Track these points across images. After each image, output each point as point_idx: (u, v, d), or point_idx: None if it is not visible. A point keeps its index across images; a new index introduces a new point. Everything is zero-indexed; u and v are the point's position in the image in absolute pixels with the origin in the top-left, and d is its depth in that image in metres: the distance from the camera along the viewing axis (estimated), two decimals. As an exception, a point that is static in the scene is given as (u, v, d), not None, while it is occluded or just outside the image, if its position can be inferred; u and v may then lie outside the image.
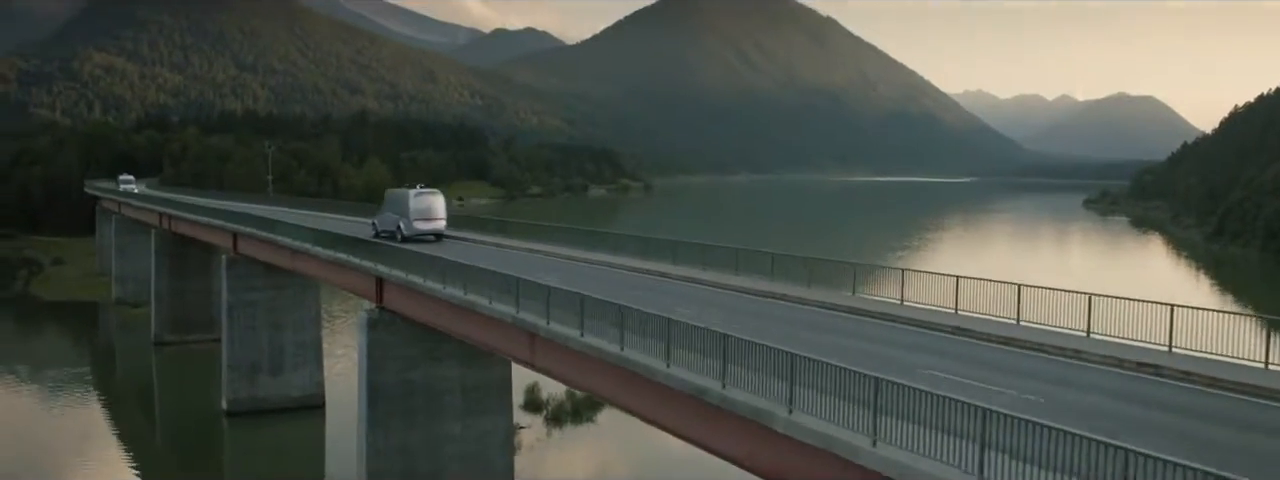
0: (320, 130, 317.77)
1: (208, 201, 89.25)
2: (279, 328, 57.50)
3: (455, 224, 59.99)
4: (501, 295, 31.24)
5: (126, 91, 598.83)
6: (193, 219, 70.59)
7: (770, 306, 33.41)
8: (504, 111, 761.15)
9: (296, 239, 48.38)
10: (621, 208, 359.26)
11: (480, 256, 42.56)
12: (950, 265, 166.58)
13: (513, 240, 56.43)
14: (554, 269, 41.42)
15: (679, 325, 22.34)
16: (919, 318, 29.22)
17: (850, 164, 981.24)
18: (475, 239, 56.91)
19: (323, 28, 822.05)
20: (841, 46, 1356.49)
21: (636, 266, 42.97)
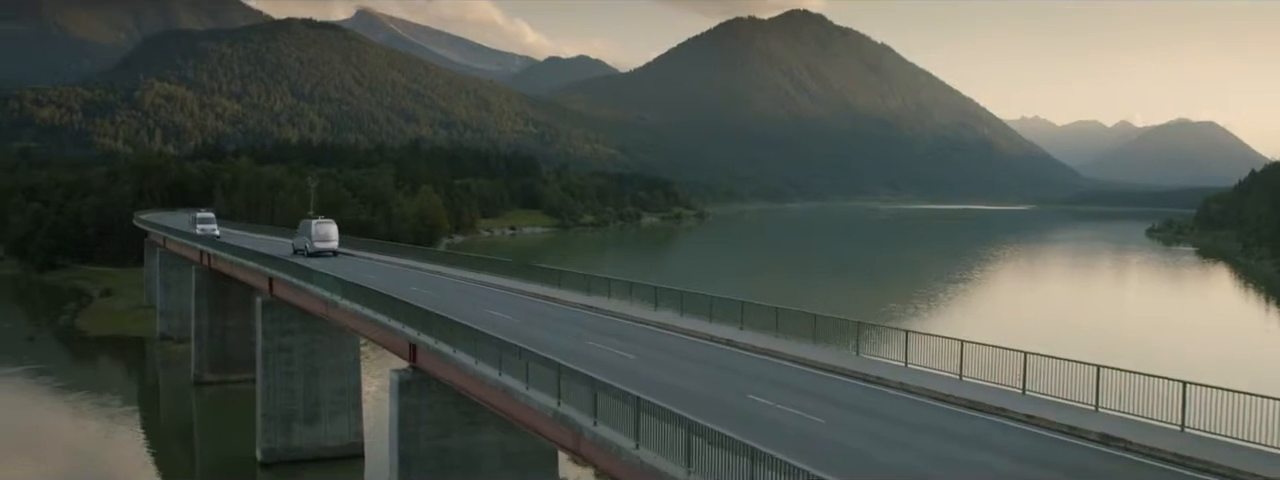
0: (374, 159, 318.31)
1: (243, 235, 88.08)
2: (315, 373, 54.65)
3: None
4: (541, 379, 27.34)
5: (186, 120, 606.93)
6: (229, 258, 68.34)
7: (795, 376, 31.25)
8: (557, 139, 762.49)
9: (328, 290, 45.56)
10: (675, 237, 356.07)
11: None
12: (1009, 298, 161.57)
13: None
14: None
15: (765, 457, 17.65)
16: (924, 385, 28.23)
17: (904, 191, 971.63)
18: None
19: (379, 57, 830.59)
20: (896, 73, 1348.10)
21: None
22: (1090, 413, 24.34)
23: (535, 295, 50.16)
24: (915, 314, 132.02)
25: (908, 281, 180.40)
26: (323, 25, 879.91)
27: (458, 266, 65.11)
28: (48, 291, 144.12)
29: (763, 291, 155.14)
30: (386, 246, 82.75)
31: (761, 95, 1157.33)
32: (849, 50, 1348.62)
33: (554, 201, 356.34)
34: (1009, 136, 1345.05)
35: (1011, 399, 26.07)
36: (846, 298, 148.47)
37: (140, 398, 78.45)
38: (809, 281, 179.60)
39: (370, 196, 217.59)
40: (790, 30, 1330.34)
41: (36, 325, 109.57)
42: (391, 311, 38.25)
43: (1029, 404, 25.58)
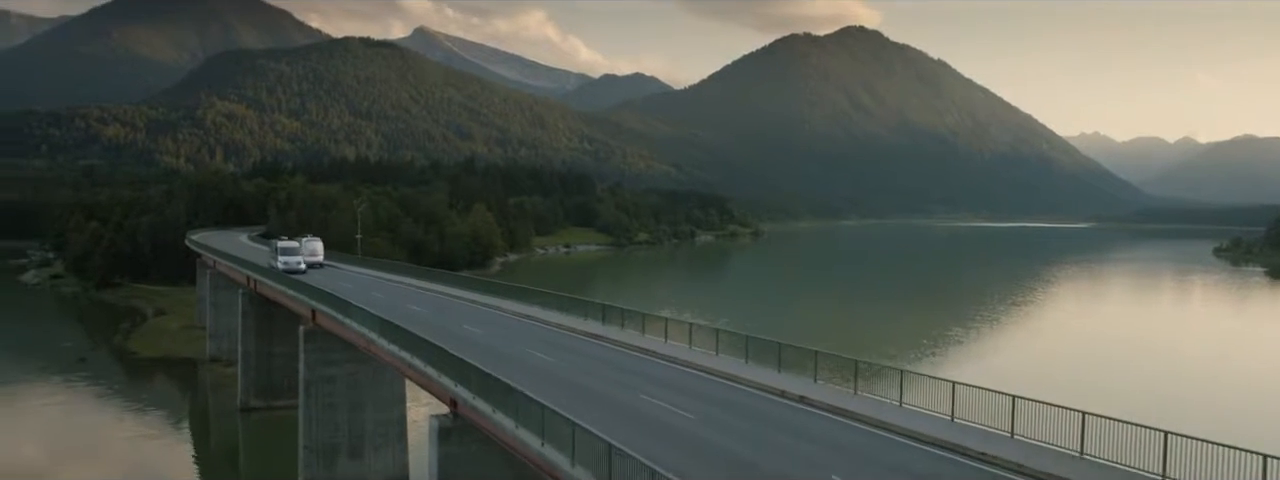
0: (428, 177, 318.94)
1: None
2: (360, 406, 52.61)
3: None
4: (588, 452, 24.29)
5: (246, 138, 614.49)
6: (272, 285, 66.78)
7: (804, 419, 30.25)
8: (612, 156, 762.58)
9: (366, 326, 43.51)
10: (729, 255, 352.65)
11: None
12: (1071, 322, 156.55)
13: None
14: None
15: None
16: (914, 428, 27.96)
17: (961, 208, 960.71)
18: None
19: (435, 75, 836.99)
20: (953, 89, 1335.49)
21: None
22: (1074, 459, 24.42)
23: (583, 333, 47.31)
24: (970, 339, 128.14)
25: (965, 303, 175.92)
26: (380, 44, 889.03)
27: (503, 296, 62.41)
28: (104, 310, 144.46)
29: (811, 316, 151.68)
30: (432, 274, 79.99)
31: (817, 112, 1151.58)
32: (905, 66, 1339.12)
33: (608, 219, 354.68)
34: (1068, 153, 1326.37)
35: (998, 443, 25.93)
36: (898, 323, 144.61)
37: (185, 423, 77.14)
38: (860, 305, 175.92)
39: (424, 215, 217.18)
40: (846, 47, 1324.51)
41: (89, 345, 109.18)
42: (429, 357, 35.72)
43: (1017, 449, 25.44)
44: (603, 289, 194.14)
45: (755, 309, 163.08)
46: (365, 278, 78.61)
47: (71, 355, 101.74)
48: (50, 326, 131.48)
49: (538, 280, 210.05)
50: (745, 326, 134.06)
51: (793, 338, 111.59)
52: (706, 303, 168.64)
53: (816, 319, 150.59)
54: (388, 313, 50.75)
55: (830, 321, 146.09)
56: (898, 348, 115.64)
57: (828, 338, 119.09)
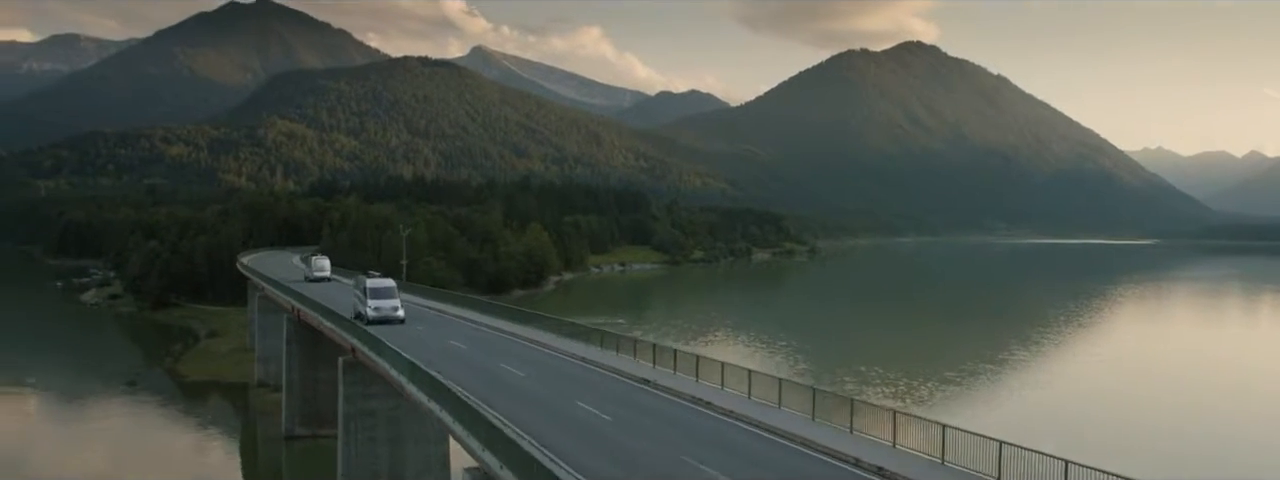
0: (484, 195, 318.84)
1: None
2: (400, 441, 50.40)
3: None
4: None
5: (306, 157, 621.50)
6: (310, 314, 65.13)
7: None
8: (668, 173, 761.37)
9: (397, 369, 41.30)
10: (785, 274, 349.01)
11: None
12: (1130, 344, 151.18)
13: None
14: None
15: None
16: (902, 470, 27.08)
17: (1021, 226, 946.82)
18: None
19: (492, 93, 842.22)
20: (1013, 105, 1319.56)
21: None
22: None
23: (634, 379, 42.96)
24: (1030, 363, 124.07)
25: (1026, 324, 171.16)
26: (438, 63, 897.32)
27: (550, 330, 58.92)
28: (158, 330, 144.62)
29: (871, 339, 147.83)
30: (478, 303, 76.49)
31: (874, 128, 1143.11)
32: (964, 82, 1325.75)
33: (664, 237, 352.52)
34: (1131, 168, 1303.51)
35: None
36: (953, 347, 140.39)
37: (228, 451, 75.79)
38: (921, 327, 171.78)
39: (479, 234, 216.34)
40: (903, 62, 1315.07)
41: (139, 368, 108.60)
42: (456, 412, 33.01)
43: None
44: (658, 309, 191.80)
45: (811, 330, 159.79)
46: (410, 308, 76.53)
47: (121, 378, 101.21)
48: (104, 347, 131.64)
49: (592, 300, 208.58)
50: (802, 349, 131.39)
51: (851, 362, 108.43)
52: (762, 324, 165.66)
53: (876, 342, 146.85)
54: (428, 348, 48.67)
55: (891, 344, 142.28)
56: (962, 373, 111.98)
57: (888, 362, 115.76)
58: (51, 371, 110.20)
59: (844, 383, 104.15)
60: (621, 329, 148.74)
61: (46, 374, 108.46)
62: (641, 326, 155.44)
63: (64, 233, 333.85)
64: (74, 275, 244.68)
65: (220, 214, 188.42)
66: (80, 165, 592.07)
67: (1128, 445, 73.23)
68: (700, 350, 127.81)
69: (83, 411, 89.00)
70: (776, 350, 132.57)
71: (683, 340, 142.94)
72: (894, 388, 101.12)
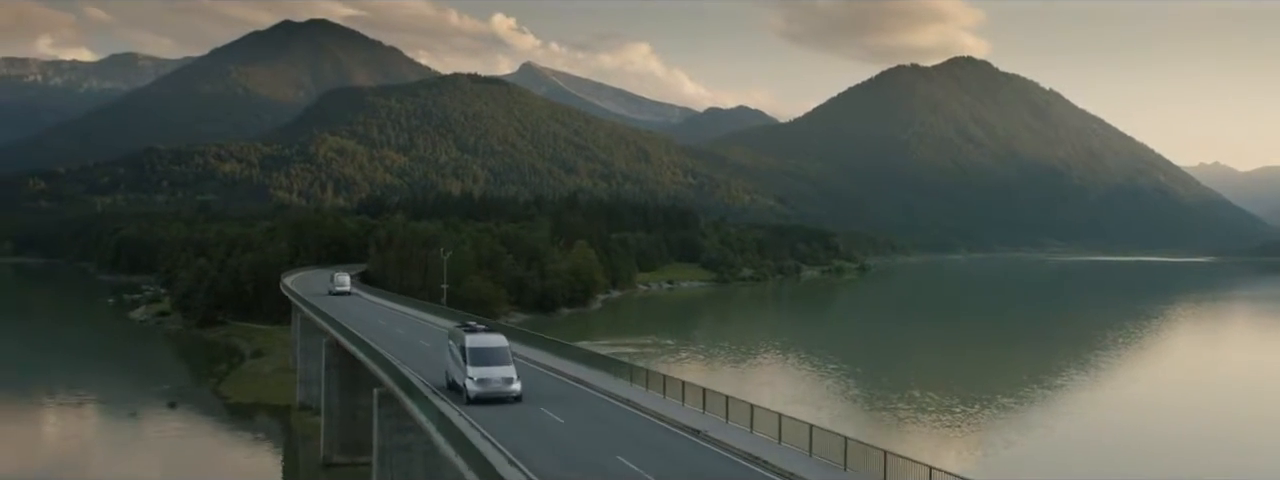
0: (532, 212, 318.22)
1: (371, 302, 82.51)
2: (438, 478, 48.40)
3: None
4: None
5: (356, 173, 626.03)
6: (343, 342, 63.40)
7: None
8: (716, 190, 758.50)
9: (425, 414, 39.22)
10: (835, 292, 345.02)
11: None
12: (1194, 369, 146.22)
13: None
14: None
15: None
16: None
17: (1074, 242, 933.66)
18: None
19: (541, 110, 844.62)
20: (1065, 120, 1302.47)
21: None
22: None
23: (680, 427, 39.44)
24: (1090, 388, 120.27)
25: (1084, 347, 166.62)
26: (488, 80, 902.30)
27: (591, 366, 54.38)
28: (204, 348, 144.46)
29: (920, 365, 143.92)
30: (517, 333, 68.90)
31: (924, 144, 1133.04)
32: (1015, 97, 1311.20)
33: (712, 254, 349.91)
34: (1187, 184, 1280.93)
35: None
36: (1011, 371, 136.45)
37: (267, 477, 74.38)
38: (976, 350, 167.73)
39: (525, 251, 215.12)
40: (954, 77, 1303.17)
41: (181, 388, 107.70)
42: (479, 468, 30.69)
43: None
44: (705, 329, 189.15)
45: (862, 353, 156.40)
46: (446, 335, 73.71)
47: (164, 398, 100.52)
48: (149, 366, 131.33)
49: (639, 320, 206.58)
50: (854, 373, 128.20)
51: (905, 386, 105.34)
52: (812, 345, 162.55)
53: (930, 365, 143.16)
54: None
55: (945, 367, 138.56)
56: (1020, 400, 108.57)
57: (944, 387, 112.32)
58: (95, 390, 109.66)
59: (897, 408, 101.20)
60: (669, 350, 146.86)
61: (90, 393, 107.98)
62: (689, 347, 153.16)
63: (117, 249, 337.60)
64: (126, 291, 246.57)
65: (267, 232, 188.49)
66: (136, 182, 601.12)
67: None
68: (750, 376, 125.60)
69: (119, 435, 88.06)
70: (827, 374, 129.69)
71: (731, 362, 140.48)
72: (950, 416, 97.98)
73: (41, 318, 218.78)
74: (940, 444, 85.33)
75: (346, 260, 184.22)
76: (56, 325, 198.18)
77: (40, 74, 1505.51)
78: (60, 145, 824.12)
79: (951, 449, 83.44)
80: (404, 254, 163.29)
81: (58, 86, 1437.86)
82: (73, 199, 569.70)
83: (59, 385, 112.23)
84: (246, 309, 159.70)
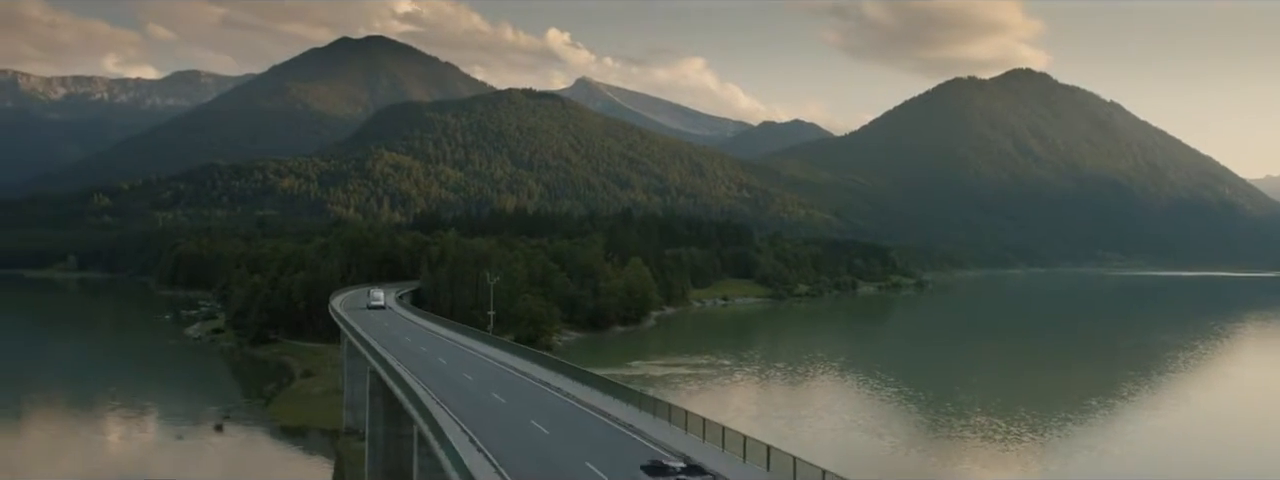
0: (586, 228, 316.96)
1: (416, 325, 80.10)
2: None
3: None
4: None
5: (412, 188, 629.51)
6: (384, 377, 61.57)
7: None
8: (771, 204, 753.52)
9: (455, 468, 36.96)
10: (892, 308, 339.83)
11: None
12: (1268, 391, 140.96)
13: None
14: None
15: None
16: None
17: (1136, 257, 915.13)
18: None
19: (595, 125, 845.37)
20: (1127, 132, 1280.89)
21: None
22: None
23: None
24: (1152, 413, 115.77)
25: (1148, 367, 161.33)
26: (542, 95, 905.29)
27: (643, 408, 49.04)
28: (255, 367, 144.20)
29: (979, 387, 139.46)
30: (568, 368, 64.23)
31: (982, 157, 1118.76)
32: (1075, 109, 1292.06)
33: (767, 270, 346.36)
34: (1253, 197, 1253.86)
35: None
36: (1072, 395, 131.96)
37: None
38: (1030, 371, 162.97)
39: (579, 268, 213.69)
40: (1012, 90, 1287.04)
41: (231, 409, 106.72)
42: None
43: None
44: (760, 348, 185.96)
45: (921, 373, 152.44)
46: (490, 366, 69.98)
47: (212, 419, 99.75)
48: (200, 385, 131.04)
49: (693, 338, 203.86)
50: (914, 396, 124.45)
51: (963, 409, 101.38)
52: (870, 367, 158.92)
53: (988, 387, 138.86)
54: (506, 428, 44.77)
55: (1003, 390, 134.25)
56: (1088, 427, 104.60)
57: (1002, 411, 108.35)
58: (143, 411, 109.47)
59: (963, 436, 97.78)
60: (724, 372, 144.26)
61: (138, 414, 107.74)
62: (744, 368, 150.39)
63: (176, 264, 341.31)
64: (184, 307, 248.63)
65: (320, 249, 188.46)
66: (196, 197, 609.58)
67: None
68: (808, 400, 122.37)
69: (166, 459, 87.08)
70: (887, 397, 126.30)
71: (788, 384, 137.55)
72: (1019, 446, 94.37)
73: (101, 333, 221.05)
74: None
75: (399, 277, 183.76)
76: (114, 341, 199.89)
77: (107, 92, 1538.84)
78: (125, 161, 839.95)
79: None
80: (456, 272, 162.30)
81: (123, 104, 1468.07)
82: (136, 214, 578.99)
83: (112, 405, 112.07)
84: (298, 327, 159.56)
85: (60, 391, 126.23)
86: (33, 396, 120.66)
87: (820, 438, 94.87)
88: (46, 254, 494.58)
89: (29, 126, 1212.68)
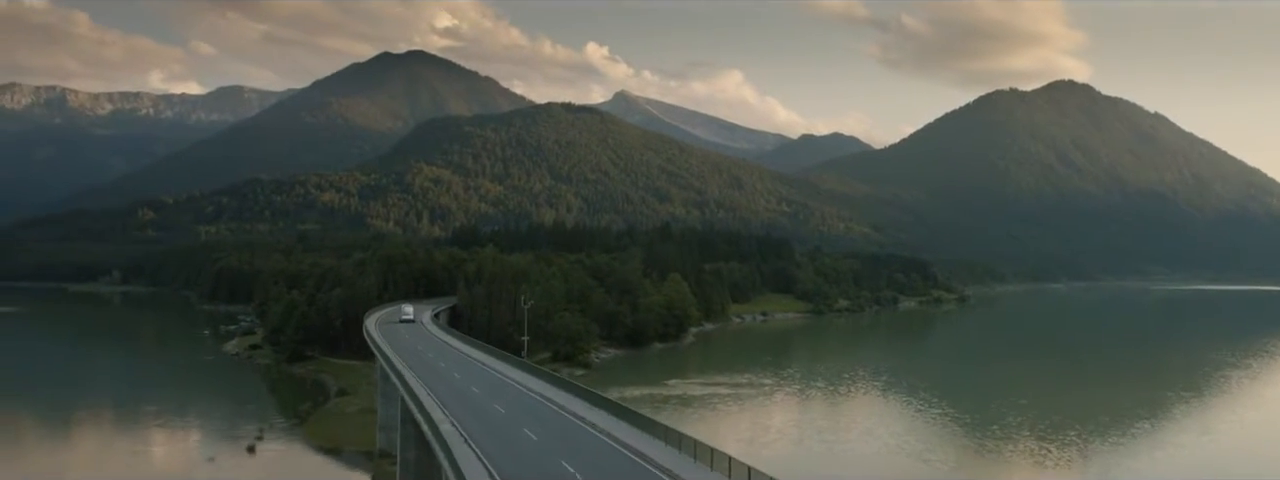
0: (624, 243, 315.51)
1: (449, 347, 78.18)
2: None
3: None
4: None
5: (451, 202, 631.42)
6: (413, 412, 59.97)
7: None
8: (810, 217, 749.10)
9: None
10: (933, 324, 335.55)
11: None
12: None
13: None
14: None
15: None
16: None
17: (1181, 270, 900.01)
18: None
19: (634, 138, 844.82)
20: (1171, 143, 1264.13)
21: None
22: None
23: None
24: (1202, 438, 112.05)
25: (1208, 392, 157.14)
26: (581, 109, 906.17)
27: (682, 449, 45.94)
28: (291, 384, 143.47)
29: (1024, 409, 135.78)
30: (610, 405, 59.01)
31: (1024, 170, 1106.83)
32: (1118, 121, 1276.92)
33: (807, 285, 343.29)
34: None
35: None
36: (1129, 422, 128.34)
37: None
38: (1077, 392, 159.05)
39: (617, 284, 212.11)
40: (1054, 101, 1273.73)
41: (264, 429, 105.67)
42: None
43: None
44: (800, 366, 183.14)
45: (964, 394, 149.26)
46: (524, 397, 66.72)
47: (246, 439, 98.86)
48: (236, 403, 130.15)
49: (733, 355, 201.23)
50: (959, 418, 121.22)
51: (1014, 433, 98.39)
52: (911, 386, 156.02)
53: (1033, 409, 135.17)
54: (534, 468, 43.47)
55: (1050, 412, 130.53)
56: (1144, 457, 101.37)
57: (1059, 438, 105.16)
58: (176, 432, 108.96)
59: (1015, 462, 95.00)
60: (765, 391, 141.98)
61: (172, 433, 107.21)
62: (785, 388, 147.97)
63: (217, 279, 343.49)
64: (224, 322, 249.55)
65: (357, 266, 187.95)
66: (239, 211, 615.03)
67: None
68: (851, 422, 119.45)
69: (198, 477, 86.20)
70: (932, 418, 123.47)
71: (829, 404, 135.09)
72: (1059, 467, 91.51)
73: (139, 348, 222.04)
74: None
75: (436, 294, 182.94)
76: (153, 357, 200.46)
77: (153, 107, 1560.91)
78: (169, 176, 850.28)
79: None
80: (493, 289, 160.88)
81: (169, 119, 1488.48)
82: (179, 228, 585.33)
83: (147, 424, 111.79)
84: (334, 344, 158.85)
85: (95, 409, 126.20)
86: (64, 414, 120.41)
87: (865, 462, 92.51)
88: (92, 267, 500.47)
89: (77, 142, 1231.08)
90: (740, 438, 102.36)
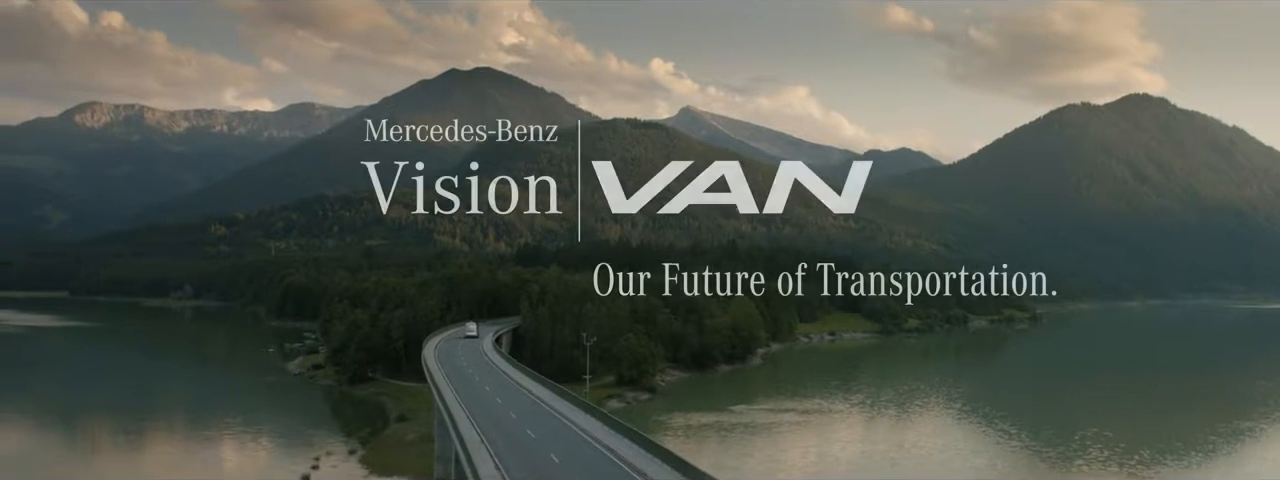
0: (690, 260, 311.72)
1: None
2: None
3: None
4: None
5: (516, 218, 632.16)
6: (459, 453, 57.09)
7: None
8: (878, 234, 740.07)
9: None
10: (1006, 344, 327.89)
11: None
12: None
13: None
14: None
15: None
16: None
17: (1261, 288, 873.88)
18: None
19: (696, 152, 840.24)
20: (1251, 157, 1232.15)
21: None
22: None
23: None
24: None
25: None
26: (647, 124, 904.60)
27: None
28: (352, 407, 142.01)
29: (1106, 438, 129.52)
30: (674, 460, 55.03)
31: (1096, 185, 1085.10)
32: (1195, 135, 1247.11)
33: (875, 305, 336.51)
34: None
35: None
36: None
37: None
38: (1183, 428, 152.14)
39: (682, 304, 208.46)
40: (1128, 116, 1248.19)
41: (321, 453, 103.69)
42: None
43: None
44: (868, 388, 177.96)
45: (1048, 423, 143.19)
46: (583, 445, 63.19)
47: (300, 467, 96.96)
48: (296, 427, 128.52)
49: (801, 377, 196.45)
50: (1041, 451, 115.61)
51: (1104, 468, 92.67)
52: (992, 412, 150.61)
53: (1117, 439, 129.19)
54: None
55: (1145, 443, 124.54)
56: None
57: (1147, 464, 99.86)
58: (232, 455, 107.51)
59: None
60: (836, 418, 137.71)
61: (226, 459, 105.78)
62: (857, 414, 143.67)
63: (285, 295, 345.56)
64: (290, 339, 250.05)
65: (420, 286, 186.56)
66: (307, 227, 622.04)
67: None
68: (926, 455, 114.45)
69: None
70: (1009, 451, 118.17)
71: (901, 433, 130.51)
72: None
73: (204, 366, 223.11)
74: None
75: (501, 314, 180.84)
76: (216, 376, 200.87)
77: (226, 124, 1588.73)
78: (241, 191, 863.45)
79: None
80: (557, 310, 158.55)
81: (242, 135, 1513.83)
82: (249, 243, 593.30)
83: (203, 451, 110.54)
84: (396, 365, 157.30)
85: (153, 429, 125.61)
86: (121, 434, 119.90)
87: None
88: (165, 282, 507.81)
89: (153, 158, 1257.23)
90: (809, 469, 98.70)
